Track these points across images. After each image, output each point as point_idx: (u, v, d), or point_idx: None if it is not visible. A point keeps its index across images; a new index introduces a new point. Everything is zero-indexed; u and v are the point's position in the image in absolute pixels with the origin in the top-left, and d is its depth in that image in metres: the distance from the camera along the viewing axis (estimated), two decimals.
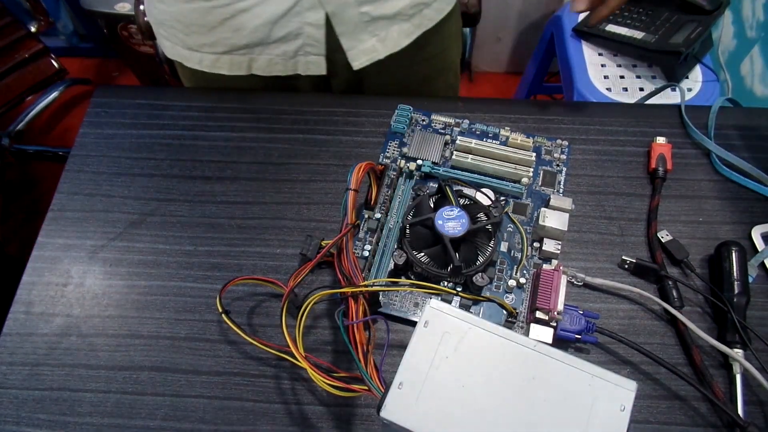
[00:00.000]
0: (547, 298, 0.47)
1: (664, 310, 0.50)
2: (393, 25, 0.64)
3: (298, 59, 0.65)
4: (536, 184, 0.57)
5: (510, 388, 0.35)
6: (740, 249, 0.51)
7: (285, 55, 0.64)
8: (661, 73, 1.01)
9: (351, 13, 0.60)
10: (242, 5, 0.59)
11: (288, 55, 0.64)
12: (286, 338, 0.43)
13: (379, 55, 0.65)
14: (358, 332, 0.43)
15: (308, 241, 0.51)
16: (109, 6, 1.35)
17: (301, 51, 0.64)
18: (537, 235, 0.53)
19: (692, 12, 0.98)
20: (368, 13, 0.61)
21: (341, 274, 0.47)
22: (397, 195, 0.56)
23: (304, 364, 0.42)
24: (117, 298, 0.52)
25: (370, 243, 0.53)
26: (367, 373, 0.41)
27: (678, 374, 0.45)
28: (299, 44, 0.63)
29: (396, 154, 0.59)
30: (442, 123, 0.61)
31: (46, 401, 0.47)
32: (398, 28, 0.64)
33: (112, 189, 0.58)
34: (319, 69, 0.66)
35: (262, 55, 0.64)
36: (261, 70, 0.66)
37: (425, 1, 0.65)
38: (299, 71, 0.66)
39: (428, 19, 0.67)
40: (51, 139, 1.60)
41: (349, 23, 0.61)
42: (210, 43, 0.63)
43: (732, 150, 0.59)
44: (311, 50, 0.64)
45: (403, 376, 0.36)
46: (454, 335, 0.37)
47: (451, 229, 0.48)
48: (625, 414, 0.34)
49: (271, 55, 0.64)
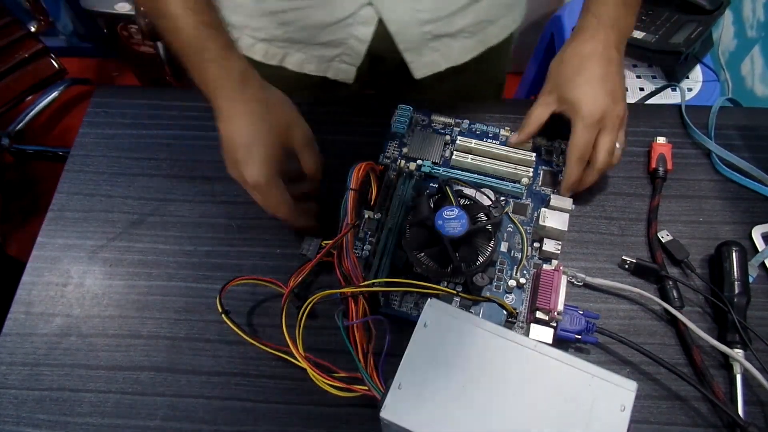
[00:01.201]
0: (548, 298, 0.47)
1: (664, 310, 0.50)
2: (455, 42, 0.63)
3: (332, 64, 0.65)
4: (536, 184, 0.57)
5: (510, 388, 0.35)
6: (740, 249, 0.51)
7: (321, 59, 0.64)
8: (661, 73, 1.01)
9: (414, 32, 0.60)
10: (297, 3, 0.58)
11: (324, 59, 0.64)
12: (286, 338, 0.43)
13: (439, 67, 0.64)
14: (358, 332, 0.43)
15: (308, 241, 0.51)
16: (109, 6, 1.35)
17: (338, 58, 0.64)
18: (537, 235, 0.53)
19: (692, 12, 0.98)
20: (431, 32, 0.61)
21: (341, 274, 0.47)
22: (397, 195, 0.56)
23: (304, 364, 0.42)
24: (117, 298, 0.52)
25: (371, 243, 0.53)
26: (367, 373, 0.41)
27: (678, 374, 0.45)
28: (338, 52, 0.63)
29: (396, 155, 0.59)
30: (442, 123, 0.61)
31: (46, 401, 0.47)
32: (461, 44, 0.64)
33: (112, 189, 0.58)
34: (347, 77, 0.66)
35: (299, 52, 0.64)
36: (293, 64, 0.65)
37: (489, 18, 0.64)
38: (329, 75, 0.66)
39: (493, 36, 0.66)
40: (51, 139, 1.60)
41: (412, 41, 0.61)
42: (254, 27, 0.63)
43: (732, 150, 0.59)
44: (347, 59, 0.64)
45: (403, 377, 0.36)
46: (454, 336, 0.37)
47: (451, 230, 0.48)
48: (626, 414, 0.34)
49: (307, 54, 0.64)
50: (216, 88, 0.46)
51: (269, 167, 0.46)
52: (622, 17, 0.53)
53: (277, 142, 0.47)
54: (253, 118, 0.46)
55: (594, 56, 0.53)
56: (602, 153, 0.52)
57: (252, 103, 0.47)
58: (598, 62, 0.52)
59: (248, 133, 0.46)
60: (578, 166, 0.53)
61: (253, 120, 0.46)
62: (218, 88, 0.46)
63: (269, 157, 0.46)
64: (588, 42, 0.53)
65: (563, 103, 0.54)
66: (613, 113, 0.52)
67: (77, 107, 1.66)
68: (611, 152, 0.53)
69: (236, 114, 0.46)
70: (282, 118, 0.49)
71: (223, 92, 0.46)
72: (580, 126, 0.52)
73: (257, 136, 0.46)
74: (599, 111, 0.51)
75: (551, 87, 0.55)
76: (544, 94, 0.56)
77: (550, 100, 0.55)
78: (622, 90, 0.53)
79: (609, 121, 0.52)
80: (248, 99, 0.47)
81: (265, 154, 0.46)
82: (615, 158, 0.54)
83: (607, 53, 0.53)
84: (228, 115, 0.47)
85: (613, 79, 0.53)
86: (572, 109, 0.52)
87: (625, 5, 0.53)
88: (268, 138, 0.47)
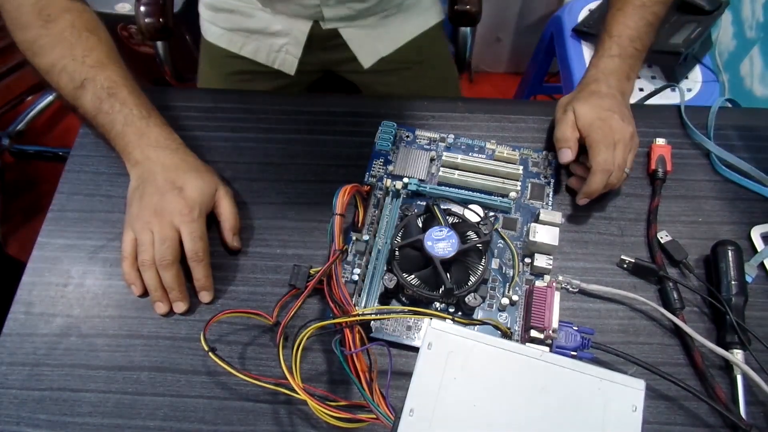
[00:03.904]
0: (541, 316, 0.47)
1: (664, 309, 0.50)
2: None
3: (278, 55, 0.78)
4: (524, 198, 0.57)
5: (522, 400, 0.35)
6: (736, 249, 0.51)
7: (271, 48, 0.78)
8: (660, 73, 1.01)
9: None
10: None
11: (274, 48, 0.78)
12: (284, 371, 0.42)
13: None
14: (359, 361, 0.42)
15: (296, 270, 0.50)
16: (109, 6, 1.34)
17: (283, 48, 0.77)
18: (528, 250, 0.53)
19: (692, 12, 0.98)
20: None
21: (333, 302, 0.46)
22: (384, 215, 0.55)
23: (303, 396, 0.40)
24: (117, 298, 0.52)
25: (359, 266, 0.52)
26: (374, 401, 0.39)
27: (682, 386, 0.45)
28: (284, 42, 0.77)
29: (382, 173, 0.58)
30: (427, 138, 0.61)
31: (46, 401, 0.47)
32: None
33: (112, 189, 0.58)
34: (290, 69, 0.79)
35: (254, 42, 0.78)
36: (249, 53, 0.79)
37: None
38: (276, 65, 0.79)
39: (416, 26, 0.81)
40: (51, 139, 1.59)
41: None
42: (223, 18, 0.78)
43: (732, 150, 0.59)
44: (291, 50, 0.77)
45: (413, 402, 0.35)
46: (459, 354, 0.36)
47: (441, 251, 0.47)
48: (638, 414, 0.34)
49: (261, 43, 0.78)
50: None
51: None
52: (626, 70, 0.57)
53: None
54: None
55: (607, 97, 0.56)
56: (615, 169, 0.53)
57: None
58: (609, 101, 0.55)
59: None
60: (604, 177, 0.52)
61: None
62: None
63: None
64: (602, 86, 0.56)
65: (578, 120, 0.55)
66: (625, 132, 0.53)
67: None
68: (622, 168, 0.53)
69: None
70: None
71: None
72: (600, 141, 0.52)
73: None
74: (612, 129, 0.53)
75: (564, 108, 0.57)
76: (560, 113, 0.57)
77: (569, 112, 0.56)
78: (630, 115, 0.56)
79: (621, 138, 0.53)
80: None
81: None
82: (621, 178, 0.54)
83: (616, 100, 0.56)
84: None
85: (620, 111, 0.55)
86: (589, 126, 0.53)
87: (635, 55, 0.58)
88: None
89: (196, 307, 0.52)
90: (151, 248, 0.50)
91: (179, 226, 0.51)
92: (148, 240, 0.50)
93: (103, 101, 0.53)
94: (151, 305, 0.51)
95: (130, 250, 0.51)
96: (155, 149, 0.53)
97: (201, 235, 0.51)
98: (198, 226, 0.51)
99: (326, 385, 0.48)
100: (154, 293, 0.51)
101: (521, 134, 0.62)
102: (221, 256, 0.54)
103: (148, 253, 0.50)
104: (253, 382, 0.44)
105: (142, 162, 0.53)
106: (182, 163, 0.54)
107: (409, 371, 0.36)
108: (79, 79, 0.53)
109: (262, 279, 0.53)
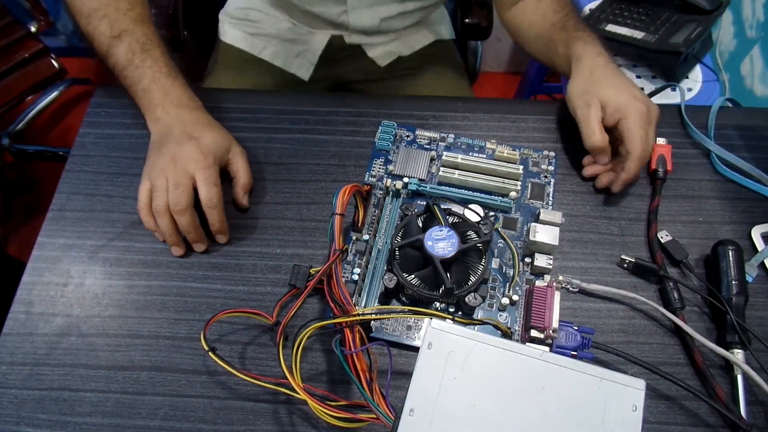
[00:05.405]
0: (542, 316, 0.47)
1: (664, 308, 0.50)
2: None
3: (295, 60, 0.80)
4: (525, 198, 0.57)
5: (522, 400, 0.35)
6: (737, 248, 0.51)
7: (290, 53, 0.79)
8: (661, 73, 1.01)
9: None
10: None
11: (292, 53, 0.79)
12: (284, 371, 0.42)
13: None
14: (359, 360, 0.42)
15: (296, 270, 0.49)
16: None
17: (302, 55, 0.79)
18: (528, 250, 0.53)
19: (692, 12, 0.98)
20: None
21: (333, 302, 0.45)
22: (384, 215, 0.55)
23: (303, 396, 0.40)
24: (117, 298, 0.52)
25: (359, 266, 0.52)
26: (375, 401, 0.39)
27: (682, 386, 0.45)
28: (302, 49, 0.78)
29: (382, 173, 0.58)
30: (427, 138, 0.61)
31: (46, 401, 0.47)
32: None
33: (112, 189, 0.58)
34: (304, 75, 0.81)
35: (274, 46, 0.79)
36: (267, 56, 0.80)
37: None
38: (292, 70, 0.80)
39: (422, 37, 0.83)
40: (51, 139, 1.59)
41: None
42: (247, 22, 0.80)
43: (732, 150, 0.59)
44: (310, 57, 0.79)
45: (413, 402, 0.35)
46: (459, 354, 0.36)
47: (441, 250, 0.47)
48: (638, 414, 0.34)
49: (279, 48, 0.79)
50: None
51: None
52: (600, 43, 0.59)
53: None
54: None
55: (609, 66, 0.56)
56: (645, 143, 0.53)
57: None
58: (615, 71, 0.56)
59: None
60: (641, 162, 0.53)
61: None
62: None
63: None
64: (597, 58, 0.57)
65: (606, 108, 0.54)
66: (653, 108, 0.54)
67: (77, 107, 1.66)
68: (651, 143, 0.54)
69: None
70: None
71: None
72: (635, 125, 0.52)
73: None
74: (645, 107, 0.53)
75: (585, 100, 0.55)
76: (582, 107, 0.55)
77: (593, 105, 0.55)
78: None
79: (652, 116, 0.54)
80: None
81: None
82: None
83: (614, 65, 0.57)
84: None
85: (631, 83, 0.56)
86: (620, 111, 0.53)
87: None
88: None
89: (196, 307, 0.52)
90: (165, 194, 0.51)
91: (194, 172, 0.52)
92: (162, 186, 0.51)
93: (136, 54, 0.55)
94: (169, 249, 0.54)
95: (145, 199, 0.53)
96: (176, 107, 0.55)
97: (215, 181, 0.53)
98: (212, 172, 0.53)
99: (326, 385, 0.48)
100: (170, 238, 0.52)
101: (521, 134, 0.62)
102: (221, 255, 0.54)
103: (162, 198, 0.51)
104: (253, 382, 0.44)
105: (162, 118, 0.55)
106: (201, 119, 0.56)
107: (409, 371, 0.36)
108: (119, 28, 0.56)
109: (262, 279, 0.53)
